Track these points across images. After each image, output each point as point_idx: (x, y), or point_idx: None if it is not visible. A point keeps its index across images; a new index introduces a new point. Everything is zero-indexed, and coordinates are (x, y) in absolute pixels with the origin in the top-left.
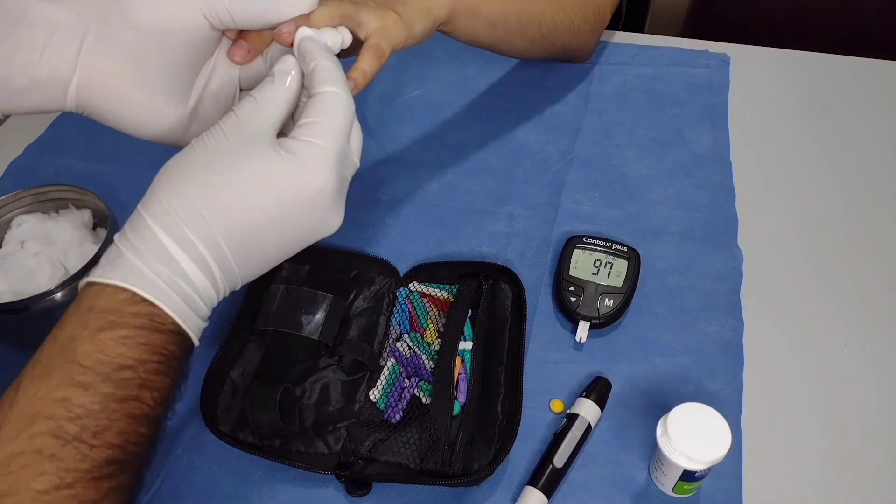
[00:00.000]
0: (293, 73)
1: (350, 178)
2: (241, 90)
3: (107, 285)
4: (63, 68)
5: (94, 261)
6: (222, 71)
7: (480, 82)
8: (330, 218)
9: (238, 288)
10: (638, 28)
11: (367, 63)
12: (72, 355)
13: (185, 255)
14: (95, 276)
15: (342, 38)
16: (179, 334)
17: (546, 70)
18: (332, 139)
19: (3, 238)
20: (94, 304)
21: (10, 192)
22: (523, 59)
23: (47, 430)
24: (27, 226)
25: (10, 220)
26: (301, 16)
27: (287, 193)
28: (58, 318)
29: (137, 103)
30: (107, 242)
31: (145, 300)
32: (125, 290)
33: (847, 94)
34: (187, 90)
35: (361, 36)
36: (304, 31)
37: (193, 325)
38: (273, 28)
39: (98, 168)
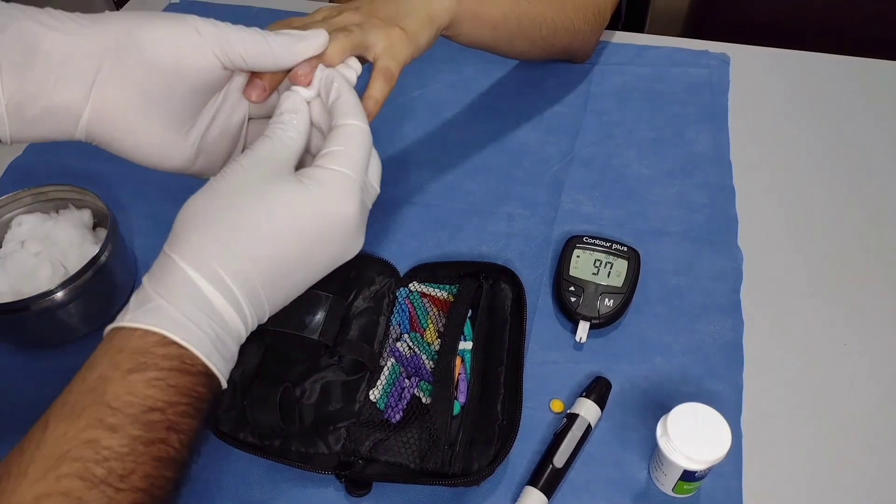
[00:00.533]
0: (302, 110)
1: (370, 206)
2: (249, 118)
3: (136, 329)
4: (76, 100)
5: (94, 260)
6: (232, 102)
7: (480, 82)
8: (353, 244)
9: (265, 321)
10: (638, 28)
11: (378, 89)
12: (101, 396)
13: (217, 293)
14: (126, 321)
15: (354, 70)
16: (208, 376)
17: (546, 70)
18: (354, 167)
19: (3, 238)
20: (125, 346)
21: (10, 192)
22: (524, 60)
23: (74, 472)
24: (27, 226)
25: (10, 220)
26: (314, 56)
27: (315, 224)
28: (58, 318)
29: (146, 136)
30: (107, 242)
31: (175, 342)
32: (155, 333)
33: (847, 94)
34: (196, 123)
35: (370, 58)
36: (322, 71)
37: (222, 367)
38: (282, 69)
39: (98, 168)
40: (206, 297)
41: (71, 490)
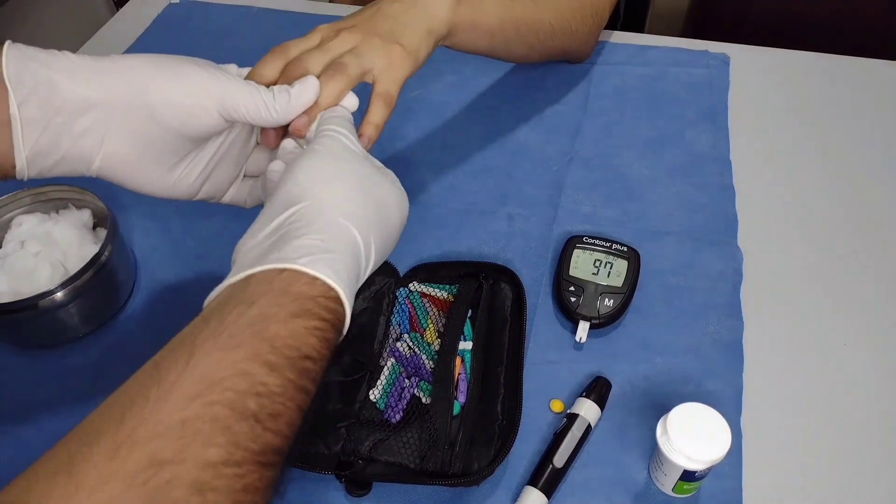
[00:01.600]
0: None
1: None
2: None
3: (305, 274)
4: (88, 151)
5: (94, 260)
6: (237, 141)
7: (480, 82)
8: (392, 247)
9: None
10: (637, 28)
11: (377, 115)
12: (262, 332)
13: (366, 263)
14: (296, 265)
15: (349, 109)
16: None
17: (546, 70)
18: None
19: (3, 238)
20: (289, 289)
21: (10, 192)
22: (522, 63)
23: (225, 401)
24: (27, 226)
25: (10, 220)
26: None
27: (404, 213)
28: (58, 318)
29: (153, 178)
30: (107, 242)
31: (338, 297)
32: (323, 284)
33: (847, 94)
34: (200, 162)
35: (368, 80)
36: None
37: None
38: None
39: None
40: (361, 264)
41: (220, 417)
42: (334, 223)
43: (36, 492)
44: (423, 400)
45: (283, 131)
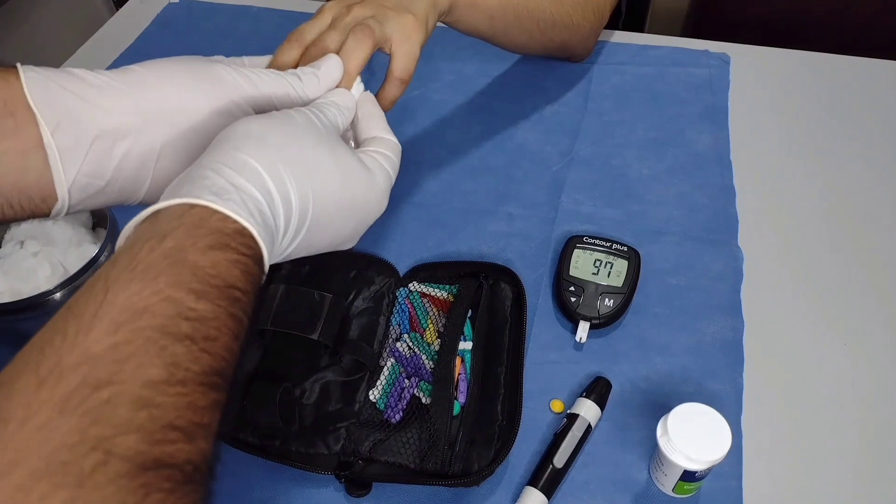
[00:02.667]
0: (351, 107)
1: None
2: None
3: (216, 212)
4: (136, 173)
5: (93, 260)
6: None
7: (480, 82)
8: (359, 234)
9: (277, 261)
10: (638, 27)
11: (392, 91)
12: (182, 262)
13: (282, 209)
14: (205, 200)
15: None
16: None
17: (546, 69)
18: (394, 174)
19: (3, 238)
20: (203, 224)
21: None
22: (522, 53)
23: (156, 326)
24: (26, 225)
25: None
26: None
27: (358, 195)
28: None
29: None
30: (106, 242)
31: (252, 237)
32: (235, 222)
33: (847, 94)
34: None
35: (386, 50)
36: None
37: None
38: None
39: None
40: (277, 206)
41: (154, 339)
42: (252, 170)
43: None
44: (423, 400)
45: None
